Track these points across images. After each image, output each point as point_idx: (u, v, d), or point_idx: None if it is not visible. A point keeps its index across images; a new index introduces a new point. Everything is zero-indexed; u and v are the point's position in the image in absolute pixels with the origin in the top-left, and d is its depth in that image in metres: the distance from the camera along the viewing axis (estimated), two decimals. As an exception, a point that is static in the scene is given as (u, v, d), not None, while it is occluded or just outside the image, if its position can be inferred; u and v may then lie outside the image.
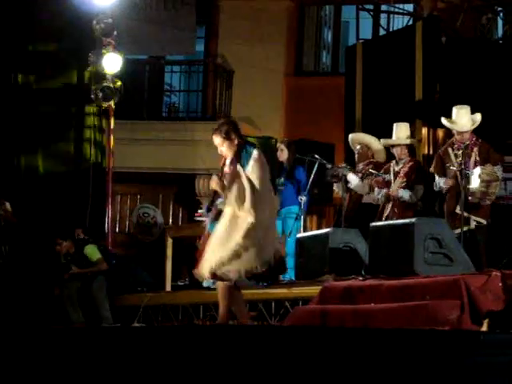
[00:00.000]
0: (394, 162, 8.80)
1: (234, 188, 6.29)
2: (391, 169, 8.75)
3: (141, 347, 5.28)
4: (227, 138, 6.46)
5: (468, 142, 8.21)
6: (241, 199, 6.25)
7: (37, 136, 12.22)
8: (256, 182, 6.29)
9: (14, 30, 12.02)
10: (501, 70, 10.42)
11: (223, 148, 6.50)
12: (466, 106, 8.28)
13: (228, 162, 6.51)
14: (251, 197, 6.23)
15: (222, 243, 6.27)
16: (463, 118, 8.23)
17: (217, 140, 6.52)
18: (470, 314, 5.83)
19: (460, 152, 8.16)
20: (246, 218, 6.22)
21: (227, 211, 6.32)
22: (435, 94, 10.48)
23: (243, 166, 6.34)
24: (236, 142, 6.47)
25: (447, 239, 6.79)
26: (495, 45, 11.44)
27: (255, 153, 6.38)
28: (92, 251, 10.09)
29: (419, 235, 6.72)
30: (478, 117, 8.26)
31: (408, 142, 8.80)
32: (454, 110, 8.30)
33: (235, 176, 6.31)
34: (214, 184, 6.42)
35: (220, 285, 6.46)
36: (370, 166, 9.12)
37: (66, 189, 12.09)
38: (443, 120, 8.35)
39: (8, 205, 10.22)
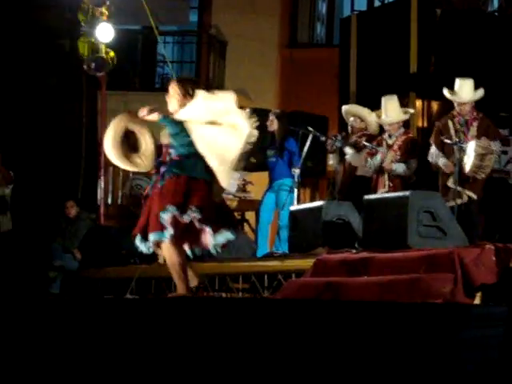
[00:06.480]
0: (386, 134, 8.71)
1: None
2: (384, 142, 8.68)
3: (133, 319, 5.27)
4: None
5: (468, 117, 8.17)
6: None
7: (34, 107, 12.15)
8: None
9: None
10: (496, 43, 10.38)
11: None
12: (469, 78, 8.23)
13: None
14: None
15: None
16: (465, 90, 8.17)
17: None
18: (463, 287, 5.84)
19: (460, 126, 8.12)
20: None
21: None
22: (430, 66, 10.44)
23: None
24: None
25: (441, 212, 6.79)
26: (490, 17, 11.39)
27: None
28: None
29: (413, 208, 6.71)
30: (480, 91, 8.19)
31: (402, 118, 8.68)
32: (457, 81, 8.23)
33: None
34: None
35: None
36: (364, 138, 9.05)
37: (59, 160, 12.04)
38: (445, 91, 8.29)
39: None
